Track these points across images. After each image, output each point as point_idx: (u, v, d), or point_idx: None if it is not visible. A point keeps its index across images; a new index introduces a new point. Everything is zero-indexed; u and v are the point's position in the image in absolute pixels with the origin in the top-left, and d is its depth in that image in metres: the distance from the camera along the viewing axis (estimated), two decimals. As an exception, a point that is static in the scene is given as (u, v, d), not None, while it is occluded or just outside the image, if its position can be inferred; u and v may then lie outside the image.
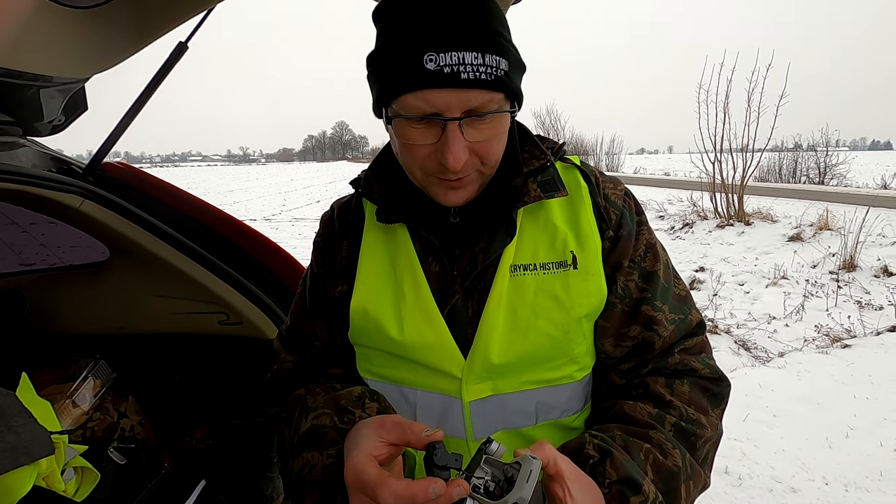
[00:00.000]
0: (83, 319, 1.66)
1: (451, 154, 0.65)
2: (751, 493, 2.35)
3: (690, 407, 0.73)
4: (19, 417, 0.98)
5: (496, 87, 0.64)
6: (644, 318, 0.77)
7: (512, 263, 0.73)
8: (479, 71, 0.63)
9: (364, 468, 0.56)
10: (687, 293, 0.81)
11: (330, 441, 0.66)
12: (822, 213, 7.70)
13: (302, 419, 0.72)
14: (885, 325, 4.24)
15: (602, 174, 0.83)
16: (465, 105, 0.64)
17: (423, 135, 0.67)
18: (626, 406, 0.74)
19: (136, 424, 1.48)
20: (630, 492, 0.61)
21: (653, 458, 0.67)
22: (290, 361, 0.87)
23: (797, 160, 16.37)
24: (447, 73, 0.62)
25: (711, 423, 0.74)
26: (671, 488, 0.66)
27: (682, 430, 0.71)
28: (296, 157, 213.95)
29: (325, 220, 0.89)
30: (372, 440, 0.59)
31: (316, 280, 0.86)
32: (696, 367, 0.76)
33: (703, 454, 0.72)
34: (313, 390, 0.80)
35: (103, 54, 1.35)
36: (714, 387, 0.77)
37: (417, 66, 0.62)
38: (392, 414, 0.66)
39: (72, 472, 1.14)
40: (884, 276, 5.44)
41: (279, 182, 33.00)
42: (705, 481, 0.72)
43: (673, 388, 0.74)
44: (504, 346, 0.72)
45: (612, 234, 0.77)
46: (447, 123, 0.65)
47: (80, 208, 1.35)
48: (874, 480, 2.39)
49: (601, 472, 0.63)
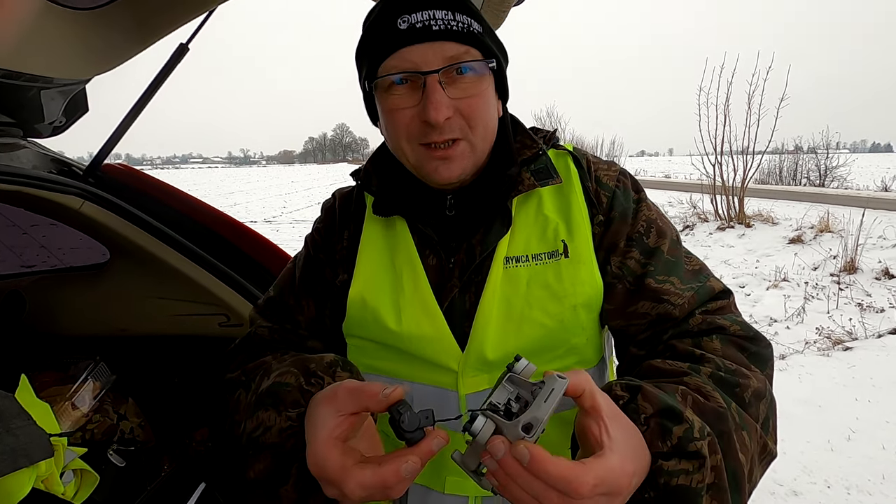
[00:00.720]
0: (83, 321, 1.66)
1: (433, 105, 0.66)
2: (752, 496, 2.34)
3: (726, 360, 0.63)
4: (18, 419, 0.97)
5: (469, 40, 0.68)
6: (650, 292, 0.72)
7: (506, 255, 0.73)
8: (450, 24, 0.67)
9: (325, 458, 0.51)
10: (702, 266, 0.76)
11: (291, 402, 0.60)
12: (822, 216, 7.70)
13: (263, 379, 0.66)
14: (886, 327, 4.23)
15: (596, 158, 0.82)
16: (440, 56, 0.66)
17: (404, 99, 0.69)
18: (655, 362, 0.65)
19: (135, 427, 1.48)
20: (671, 422, 0.52)
21: (692, 400, 0.56)
22: (265, 327, 0.83)
23: (798, 162, 16.37)
24: (419, 27, 0.66)
25: (756, 376, 0.62)
26: (721, 431, 0.54)
27: (722, 379, 0.60)
28: (296, 159, 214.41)
29: (327, 207, 0.89)
30: (328, 418, 0.53)
31: (313, 262, 0.84)
32: (724, 324, 0.68)
33: (756, 410, 0.60)
34: (280, 357, 0.74)
35: (104, 56, 1.35)
36: (751, 345, 0.67)
37: (392, 29, 0.67)
38: (347, 380, 0.58)
39: (71, 475, 1.14)
40: (885, 279, 5.43)
41: (280, 184, 33.03)
42: (765, 443, 0.60)
43: (702, 346, 0.66)
44: (499, 340, 0.71)
45: (603, 218, 0.76)
46: (426, 78, 0.66)
47: (81, 210, 1.35)
48: (876, 483, 2.38)
49: (634, 409, 0.54)
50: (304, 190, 26.37)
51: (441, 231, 0.77)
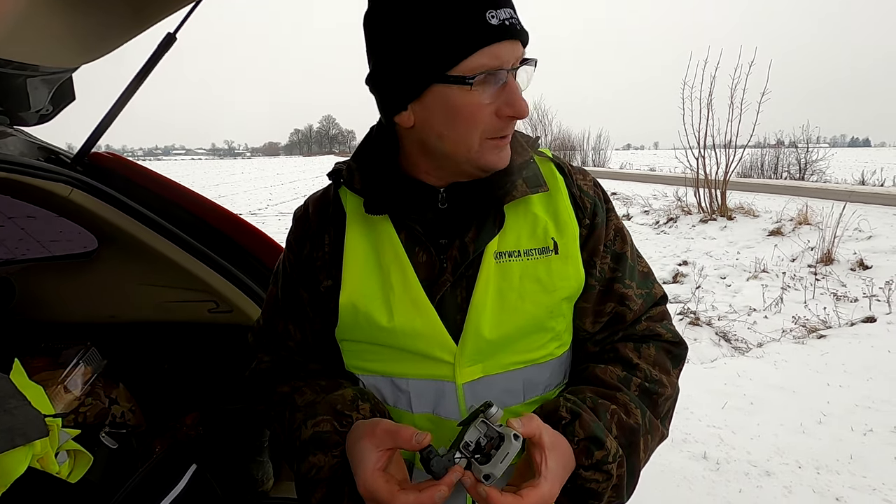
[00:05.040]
0: (73, 308, 1.67)
1: (522, 102, 0.70)
2: (727, 476, 2.43)
3: (655, 368, 0.82)
4: (13, 400, 1.00)
5: (527, 38, 0.71)
6: (617, 296, 0.84)
7: (496, 251, 0.77)
8: (520, 23, 0.69)
9: (374, 486, 0.65)
10: (649, 269, 0.90)
11: (333, 444, 0.74)
12: (801, 209, 7.87)
13: (301, 426, 0.76)
14: (858, 316, 4.37)
15: (572, 166, 0.87)
16: (517, 53, 0.70)
17: (485, 95, 0.69)
18: (598, 370, 0.82)
19: (126, 411, 1.50)
20: (594, 447, 0.71)
21: (617, 418, 0.76)
22: (266, 361, 0.90)
23: (779, 156, 16.66)
24: (507, 24, 0.67)
25: (672, 382, 0.83)
26: (631, 442, 0.76)
27: (646, 390, 0.80)
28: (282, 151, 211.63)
29: (299, 217, 0.87)
30: (370, 452, 0.67)
31: (288, 281, 0.86)
32: (661, 332, 0.85)
33: (664, 410, 0.82)
34: (298, 387, 0.83)
35: (91, 44, 1.36)
36: (675, 349, 0.86)
37: (482, 24, 0.66)
38: (380, 419, 0.72)
39: (65, 455, 1.16)
40: (859, 269, 5.60)
41: (265, 176, 32.71)
42: (662, 433, 0.82)
43: (640, 352, 0.83)
44: (494, 326, 0.76)
45: (588, 222, 0.82)
46: (509, 74, 0.69)
47: (69, 197, 1.36)
48: (844, 463, 2.49)
49: (571, 431, 0.72)
50: (289, 182, 26.17)
51: (430, 227, 0.78)
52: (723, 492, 2.32)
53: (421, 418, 0.79)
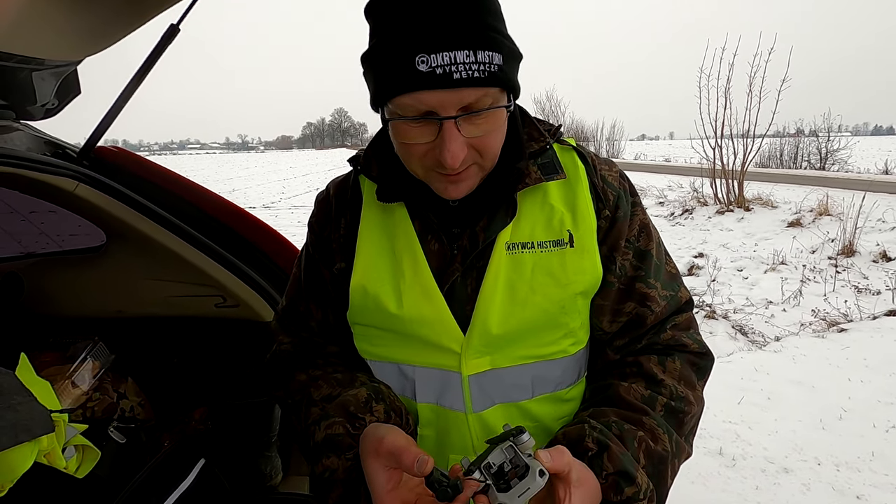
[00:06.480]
0: (81, 303, 1.68)
1: (449, 153, 0.65)
2: (744, 473, 2.38)
3: (680, 384, 0.78)
4: (19, 395, 1.00)
5: (490, 82, 0.64)
6: (638, 295, 0.80)
7: (509, 242, 0.75)
8: (471, 70, 0.62)
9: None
10: (676, 271, 0.85)
11: (347, 447, 0.72)
12: (822, 199, 7.68)
13: (314, 426, 0.76)
14: (881, 309, 4.26)
15: (597, 156, 0.84)
16: (459, 103, 0.64)
17: (420, 133, 0.67)
18: (622, 389, 0.78)
19: (135, 405, 1.51)
20: (624, 483, 0.68)
21: (645, 445, 0.73)
22: (287, 343, 0.89)
23: (798, 146, 16.29)
24: (439, 73, 0.61)
25: (697, 397, 0.79)
26: (659, 470, 0.73)
27: (672, 409, 0.76)
28: (294, 144, 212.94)
29: (321, 199, 0.89)
30: (380, 473, 0.66)
31: (310, 262, 0.87)
32: (686, 342, 0.81)
33: (689, 428, 0.78)
34: (315, 377, 0.82)
35: (95, 36, 1.35)
36: (701, 361, 0.82)
37: (409, 67, 0.62)
38: (385, 433, 0.69)
39: (73, 450, 1.16)
40: (882, 261, 5.45)
41: (278, 170, 32.90)
42: (688, 452, 0.78)
43: (665, 366, 0.79)
44: (502, 318, 0.74)
45: (609, 214, 0.79)
46: (443, 122, 0.65)
47: (75, 192, 1.36)
48: (866, 461, 2.42)
49: (599, 464, 0.69)
50: (302, 175, 26.29)
51: (444, 216, 0.78)
52: (738, 488, 2.27)
53: (424, 408, 0.79)
